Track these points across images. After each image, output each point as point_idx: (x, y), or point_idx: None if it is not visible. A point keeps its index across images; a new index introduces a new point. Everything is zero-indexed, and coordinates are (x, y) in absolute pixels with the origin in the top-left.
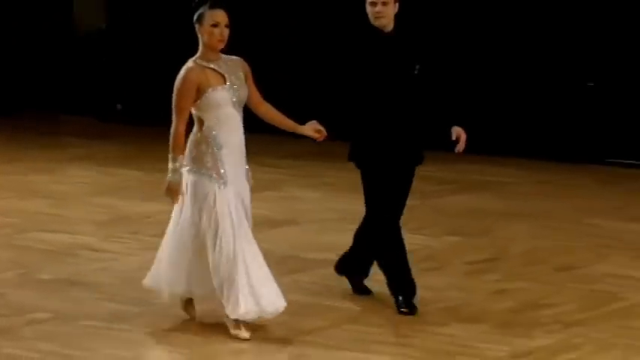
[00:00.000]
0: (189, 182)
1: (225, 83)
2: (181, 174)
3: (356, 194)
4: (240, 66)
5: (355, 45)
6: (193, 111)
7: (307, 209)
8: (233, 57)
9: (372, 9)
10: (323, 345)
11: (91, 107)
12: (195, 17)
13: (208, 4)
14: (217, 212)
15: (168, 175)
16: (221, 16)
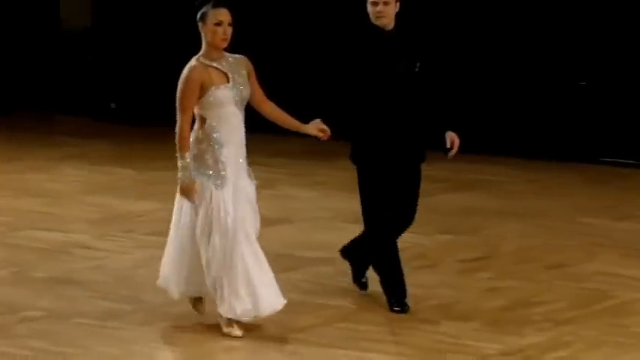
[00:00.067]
0: None
1: (228, 82)
2: (190, 172)
3: (348, 193)
4: (243, 64)
5: (356, 44)
6: (195, 109)
7: (300, 208)
8: (236, 55)
9: (374, 8)
10: (315, 343)
11: (85, 107)
12: (198, 16)
13: (212, 3)
14: (213, 210)
15: (179, 175)
16: (224, 15)
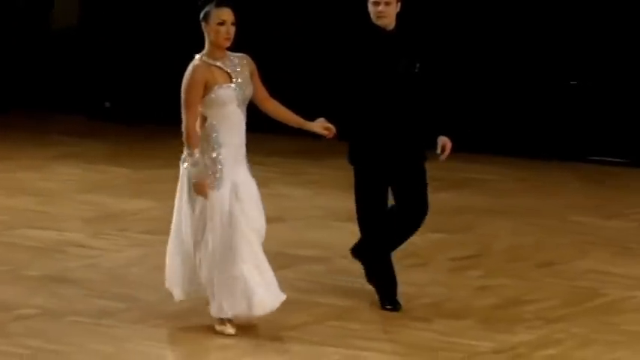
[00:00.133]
0: (184, 179)
1: (231, 81)
2: (202, 165)
3: (341, 191)
4: (246, 63)
5: (356, 43)
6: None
7: (293, 206)
8: (239, 54)
9: (375, 8)
10: (308, 341)
11: (80, 105)
12: (201, 15)
13: (215, 3)
14: (208, 210)
15: (190, 172)
16: (227, 15)
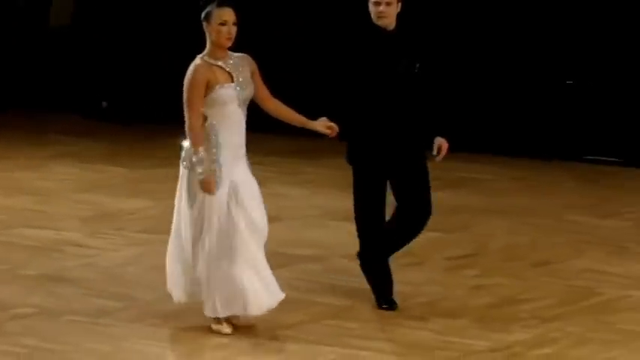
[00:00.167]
0: (184, 179)
1: (232, 81)
2: (207, 162)
3: (337, 190)
4: (247, 63)
5: (357, 43)
6: None
7: (290, 206)
8: (240, 54)
9: (376, 9)
10: (304, 340)
11: (77, 105)
12: (203, 15)
13: (216, 3)
14: (205, 210)
15: (197, 170)
16: (229, 15)
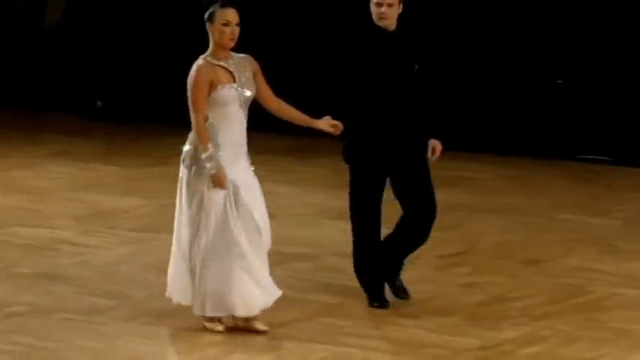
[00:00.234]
0: (184, 178)
1: (234, 81)
2: (217, 160)
3: (330, 189)
4: (249, 64)
5: (357, 44)
6: None
7: (283, 204)
8: (242, 55)
9: (378, 10)
10: (297, 338)
11: (71, 104)
12: (206, 16)
13: (219, 3)
14: (203, 210)
15: (206, 167)
16: (232, 15)
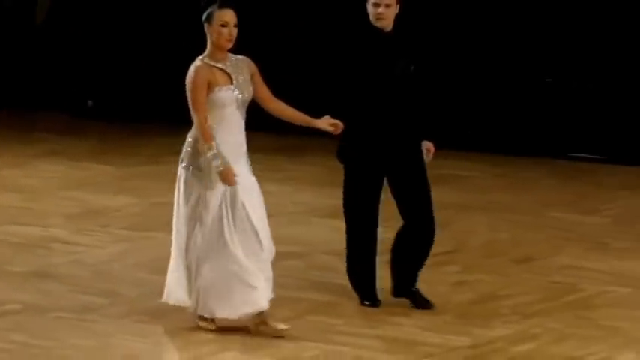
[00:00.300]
0: (181, 179)
1: (231, 83)
2: (223, 157)
3: (320, 187)
4: (246, 65)
5: (354, 43)
6: None
7: (273, 203)
8: (239, 56)
9: (375, 10)
10: (288, 335)
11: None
12: (203, 17)
13: (217, 4)
14: (201, 209)
15: (213, 165)
16: (230, 16)
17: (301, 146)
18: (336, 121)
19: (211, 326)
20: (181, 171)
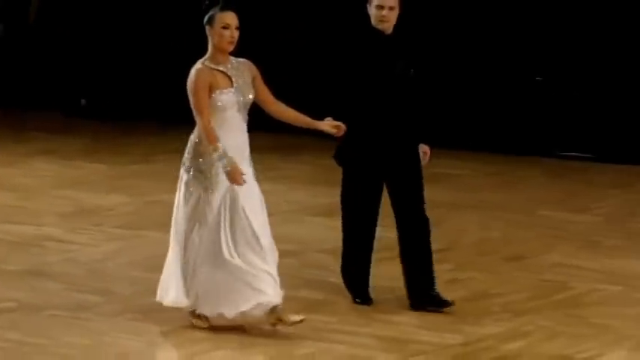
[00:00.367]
0: (183, 178)
1: (232, 85)
2: (229, 157)
3: (313, 186)
4: (247, 68)
5: (354, 45)
6: None
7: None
8: (241, 59)
9: (379, 12)
10: (281, 334)
11: (56, 102)
12: (205, 19)
13: (219, 7)
14: (201, 211)
15: (220, 165)
16: (231, 18)
17: (295, 145)
18: (339, 123)
19: (205, 324)
20: (183, 172)
